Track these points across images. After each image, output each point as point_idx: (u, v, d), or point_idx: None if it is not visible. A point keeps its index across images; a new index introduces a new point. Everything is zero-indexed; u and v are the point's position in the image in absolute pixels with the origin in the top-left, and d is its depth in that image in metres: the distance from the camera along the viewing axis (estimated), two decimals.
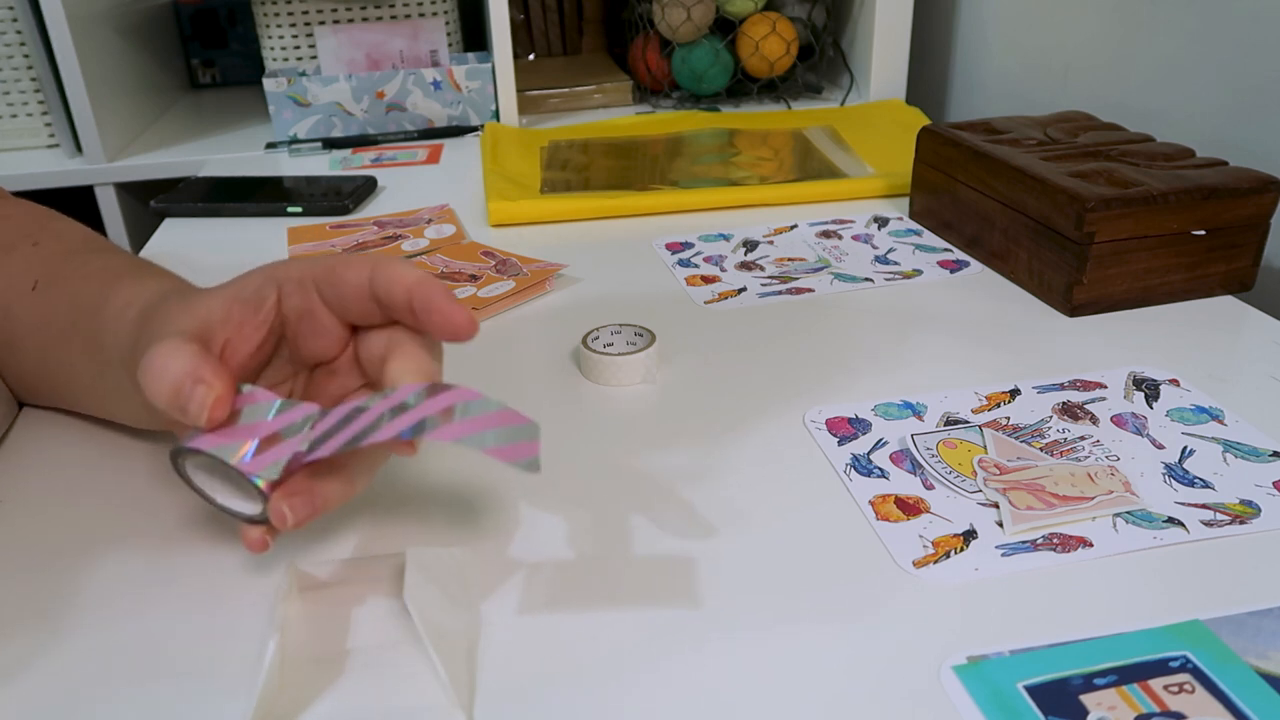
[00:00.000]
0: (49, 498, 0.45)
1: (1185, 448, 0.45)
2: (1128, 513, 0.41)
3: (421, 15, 1.09)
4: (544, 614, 0.37)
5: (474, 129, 1.04)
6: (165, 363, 0.34)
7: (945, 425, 0.48)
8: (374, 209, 0.82)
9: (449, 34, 1.09)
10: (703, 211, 0.79)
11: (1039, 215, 0.60)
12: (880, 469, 0.45)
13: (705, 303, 0.63)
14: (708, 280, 0.66)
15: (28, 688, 0.34)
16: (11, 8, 0.98)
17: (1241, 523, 0.40)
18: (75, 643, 0.36)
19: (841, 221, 0.76)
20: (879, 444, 0.46)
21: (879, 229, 0.74)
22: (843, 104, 1.09)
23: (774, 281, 0.65)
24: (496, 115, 1.06)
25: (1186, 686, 0.32)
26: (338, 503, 0.36)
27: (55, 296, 0.45)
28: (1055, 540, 0.39)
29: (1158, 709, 0.31)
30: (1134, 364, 0.53)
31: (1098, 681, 0.32)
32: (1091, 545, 0.39)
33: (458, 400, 0.32)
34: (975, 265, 0.67)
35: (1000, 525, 0.40)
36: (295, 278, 0.37)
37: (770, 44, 1.06)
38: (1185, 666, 0.33)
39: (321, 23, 1.08)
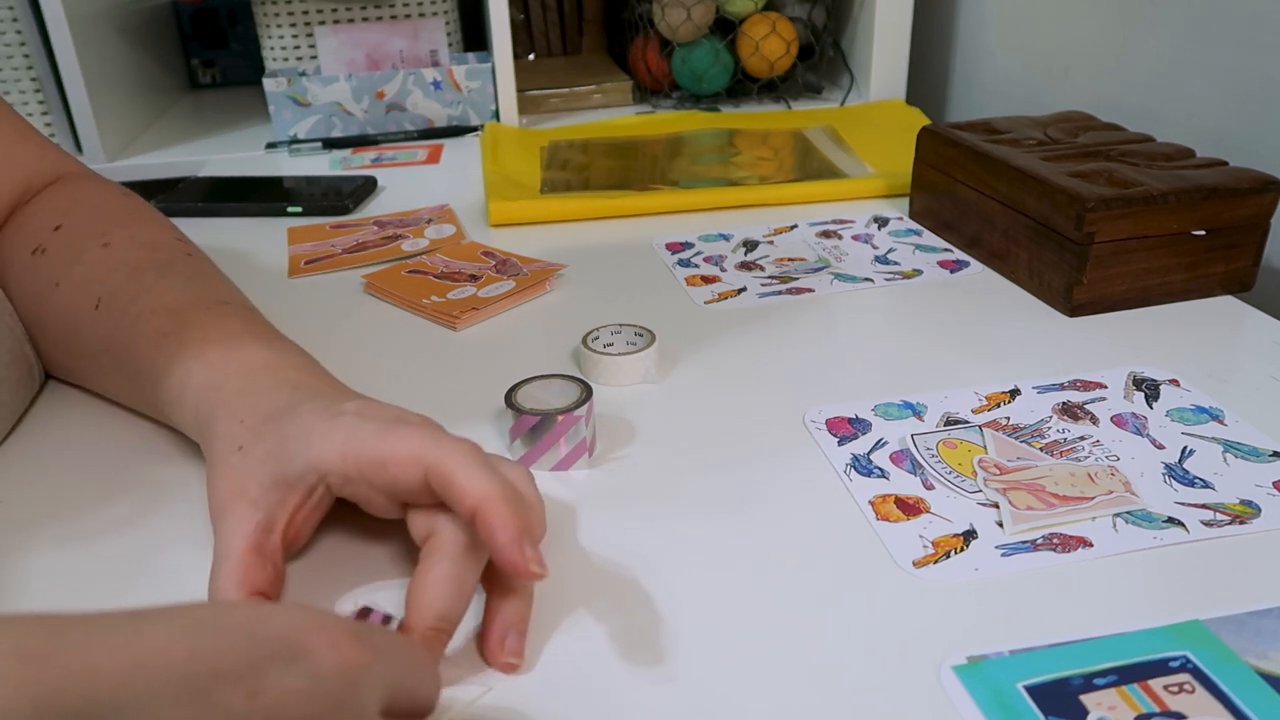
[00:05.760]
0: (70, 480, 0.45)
1: (1185, 448, 0.45)
2: (1128, 513, 0.41)
3: (421, 15, 1.09)
4: (537, 611, 0.37)
5: (474, 129, 1.04)
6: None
7: (945, 425, 0.48)
8: (374, 209, 0.82)
9: (449, 34, 1.09)
10: (703, 211, 0.79)
11: (1039, 215, 0.60)
12: (880, 469, 0.45)
13: (705, 303, 0.63)
14: (708, 280, 0.66)
15: None
16: (11, 8, 0.98)
17: (1241, 523, 0.40)
18: None
19: (841, 221, 0.76)
20: (879, 444, 0.46)
21: (879, 229, 0.74)
22: (843, 104, 1.09)
23: (774, 281, 0.65)
24: (496, 115, 1.06)
25: (1186, 686, 0.32)
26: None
27: (115, 326, 0.47)
28: (1055, 540, 0.39)
29: (1158, 709, 0.31)
30: (1134, 364, 0.53)
31: (1098, 681, 0.32)
32: (1091, 545, 0.39)
33: None
34: (975, 265, 0.67)
35: (1000, 525, 0.40)
36: (340, 471, 0.36)
37: (770, 44, 1.06)
38: (1185, 666, 0.33)
39: (321, 23, 1.08)
